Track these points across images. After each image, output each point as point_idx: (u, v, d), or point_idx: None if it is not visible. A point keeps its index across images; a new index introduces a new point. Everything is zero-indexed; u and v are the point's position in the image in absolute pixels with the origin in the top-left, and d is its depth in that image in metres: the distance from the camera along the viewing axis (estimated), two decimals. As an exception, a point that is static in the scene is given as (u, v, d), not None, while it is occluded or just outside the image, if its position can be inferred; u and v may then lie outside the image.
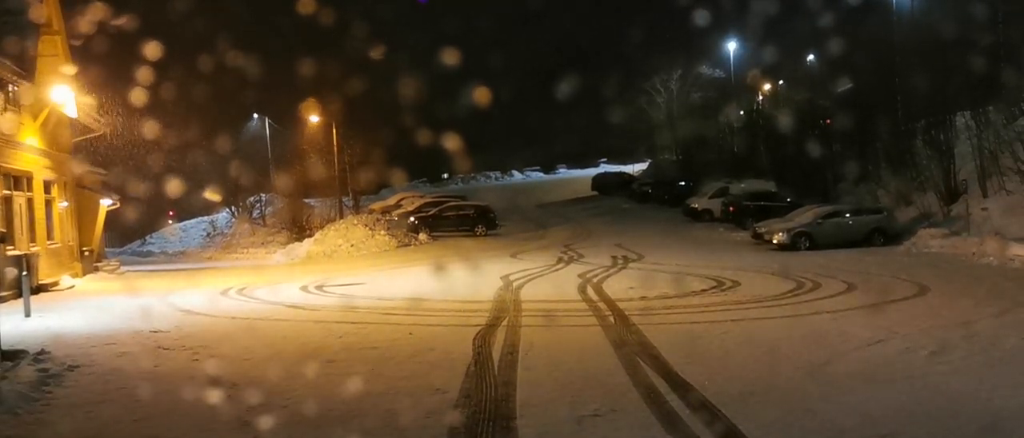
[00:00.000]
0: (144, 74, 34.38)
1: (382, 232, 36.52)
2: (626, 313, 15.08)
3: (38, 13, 21.71)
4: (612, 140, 79.56)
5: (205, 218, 56.26)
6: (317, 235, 37.70)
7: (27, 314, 16.00)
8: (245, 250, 45.48)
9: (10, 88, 15.42)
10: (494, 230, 40.80)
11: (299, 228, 46.52)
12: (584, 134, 78.41)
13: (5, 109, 18.15)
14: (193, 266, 35.78)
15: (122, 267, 32.05)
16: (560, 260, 28.01)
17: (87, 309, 18.00)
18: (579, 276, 22.52)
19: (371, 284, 21.96)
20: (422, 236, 38.25)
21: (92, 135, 29.34)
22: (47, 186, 24.99)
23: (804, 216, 30.69)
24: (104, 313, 16.95)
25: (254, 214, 53.00)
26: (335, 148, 44.91)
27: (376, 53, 49.18)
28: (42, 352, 11.22)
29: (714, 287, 19.23)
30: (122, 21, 27.28)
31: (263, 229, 50.73)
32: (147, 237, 53.04)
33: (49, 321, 15.55)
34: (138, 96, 35.04)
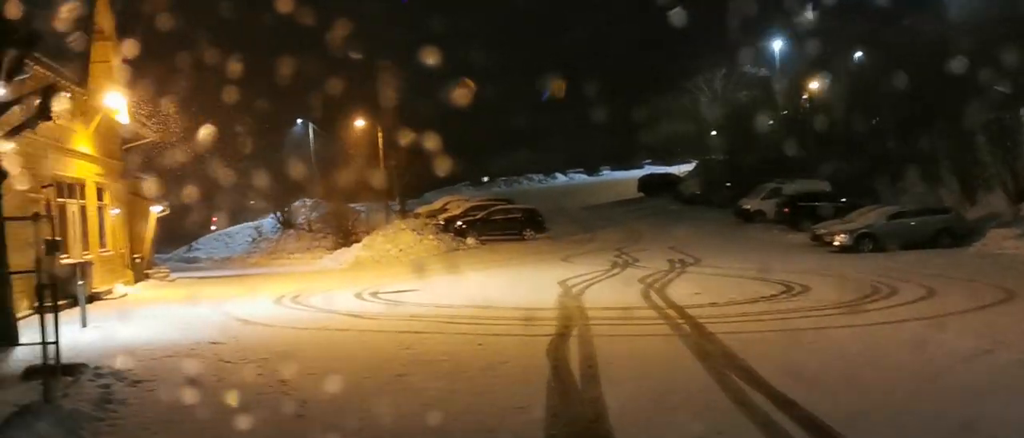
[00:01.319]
0: (188, 79, 34.37)
1: (430, 237, 36.11)
2: (699, 321, 14.39)
3: (92, 20, 21.49)
4: (656, 141, 78.71)
5: (250, 224, 56.30)
6: (365, 240, 37.37)
7: (83, 324, 15.67)
8: (291, 256, 45.30)
9: (64, 95, 15.04)
10: (542, 233, 40.19)
11: (345, 233, 46.25)
12: (627, 135, 77.64)
13: (59, 116, 17.89)
14: (241, 272, 35.59)
15: (172, 274, 31.92)
16: (615, 264, 27.34)
17: (142, 319, 17.67)
18: (639, 281, 21.85)
19: (427, 291, 21.45)
20: (470, 240, 37.76)
21: (142, 142, 29.19)
22: (99, 193, 24.83)
23: (867, 217, 29.73)
24: (160, 323, 16.59)
25: (299, 219, 52.90)
26: (380, 152, 44.57)
27: (430, 57, 48.81)
28: (102, 366, 10.81)
29: (784, 292, 18.45)
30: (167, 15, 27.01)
31: (308, 234, 50.58)
32: (193, 243, 53.19)
33: (106, 332, 15.19)
34: (182, 101, 35.09)
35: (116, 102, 23.97)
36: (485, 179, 76.08)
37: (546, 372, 10.41)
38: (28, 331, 13.66)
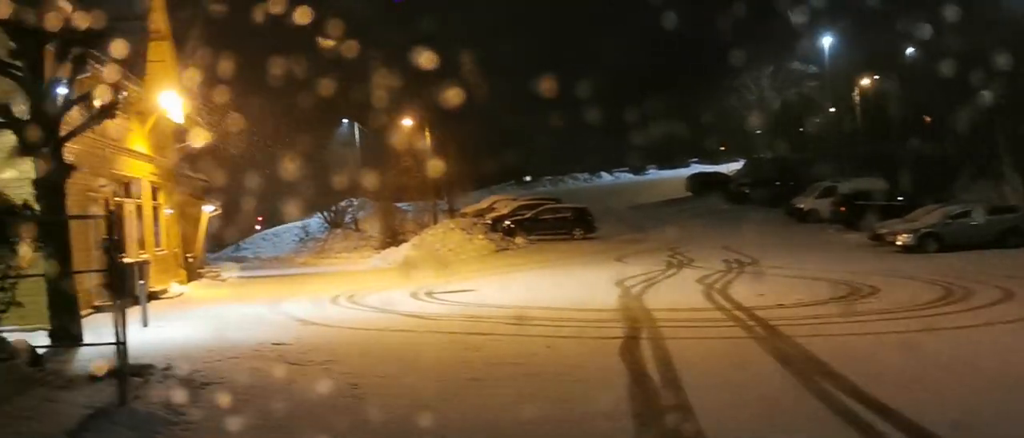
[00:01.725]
0: (238, 79, 34.36)
1: (480, 236, 35.84)
2: (770, 323, 13.92)
3: (149, 19, 21.54)
4: (702, 139, 77.83)
5: (297, 223, 56.48)
6: (414, 240, 37.21)
7: (145, 324, 15.58)
8: (338, 255, 45.35)
9: (122, 94, 14.99)
10: (592, 233, 39.75)
11: (392, 233, 46.18)
12: (673, 133, 76.82)
13: (117, 115, 17.89)
14: (291, 272, 35.62)
15: (223, 274, 32.00)
16: (670, 264, 26.85)
17: (200, 318, 17.59)
18: (698, 281, 21.37)
19: (482, 291, 21.15)
20: (519, 239, 37.43)
21: (195, 141, 29.23)
22: (154, 192, 24.89)
23: (930, 216, 28.91)
24: (219, 322, 16.48)
25: (346, 219, 52.96)
26: (428, 152, 44.41)
27: (467, 60, 48.57)
28: (169, 367, 10.64)
29: (852, 294, 17.88)
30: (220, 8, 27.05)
31: (355, 234, 50.65)
32: (240, 243, 53.46)
33: (167, 332, 15.10)
34: (232, 102, 35.15)
35: (171, 101, 24.01)
36: (527, 178, 75.66)
37: (624, 377, 10.04)
38: (89, 330, 13.63)
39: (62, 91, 13.90)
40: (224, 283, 28.86)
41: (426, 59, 45.68)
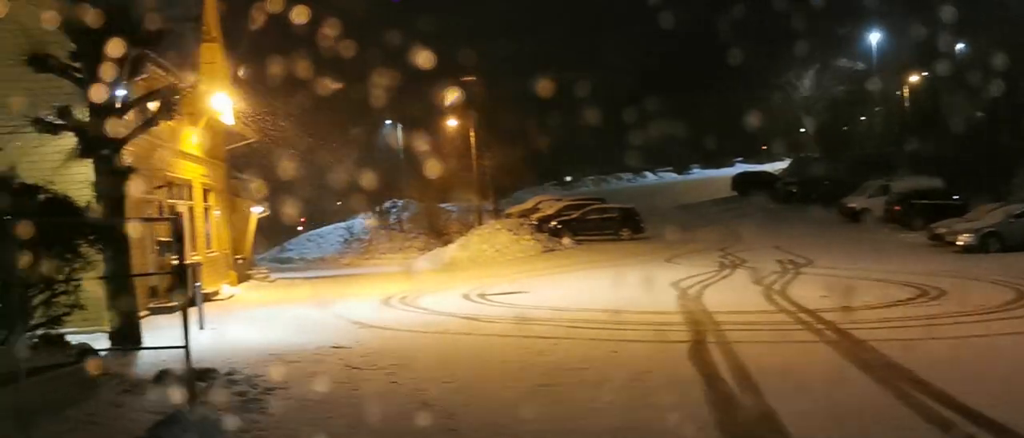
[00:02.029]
0: (284, 81, 34.44)
1: (526, 236, 35.55)
2: (839, 326, 13.47)
3: (201, 22, 21.58)
4: (747, 138, 76.84)
5: (341, 224, 56.59)
6: (461, 240, 37.02)
7: (201, 326, 15.50)
8: (383, 256, 45.35)
9: (178, 96, 14.92)
10: (640, 233, 39.29)
11: (436, 233, 46.10)
12: (716, 133, 75.94)
13: (170, 117, 17.89)
14: (338, 273, 35.65)
15: (271, 275, 32.07)
16: (722, 265, 26.36)
17: (255, 320, 17.51)
18: (755, 283, 20.91)
19: (535, 292, 20.87)
20: (566, 240, 37.07)
21: (244, 143, 29.33)
22: (204, 194, 24.94)
23: (991, 215, 28.10)
24: (274, 325, 16.39)
25: (391, 220, 52.97)
26: (472, 152, 44.21)
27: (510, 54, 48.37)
28: (233, 372, 10.49)
29: (920, 296, 17.33)
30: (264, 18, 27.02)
31: (400, 234, 50.61)
32: (285, 244, 53.67)
33: (224, 334, 15.01)
34: (279, 104, 35.22)
35: (221, 103, 24.04)
36: (568, 179, 75.26)
37: (698, 383, 9.70)
38: (147, 332, 13.57)
39: (120, 93, 13.86)
40: (273, 284, 28.91)
41: (469, 59, 45.70)
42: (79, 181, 13.99)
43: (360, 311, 18.24)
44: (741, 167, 68.24)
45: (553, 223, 39.02)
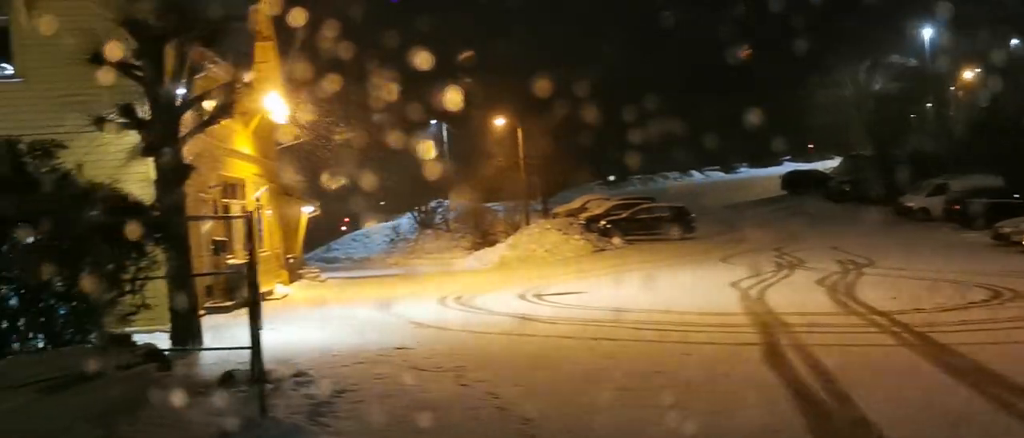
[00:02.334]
0: (331, 81, 34.42)
1: (576, 236, 35.21)
2: (916, 329, 12.96)
3: (255, 21, 21.55)
4: (794, 137, 75.71)
5: (387, 224, 56.63)
6: (509, 240, 36.79)
7: (260, 326, 15.34)
8: (429, 256, 45.24)
9: (237, 94, 14.81)
10: (691, 233, 38.75)
11: (483, 233, 45.86)
12: (764, 131, 74.87)
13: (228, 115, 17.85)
14: (386, 273, 35.58)
15: (322, 274, 32.06)
16: (780, 265, 25.79)
17: (311, 320, 17.38)
18: (817, 283, 20.36)
19: (591, 293, 20.52)
20: (616, 240, 36.68)
21: (295, 142, 29.34)
22: (257, 193, 24.94)
23: (1061, 214, 27.23)
24: (332, 324, 16.23)
25: (436, 219, 52.89)
26: (520, 150, 43.91)
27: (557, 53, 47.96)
28: (300, 374, 10.29)
29: (994, 297, 16.69)
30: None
31: (446, 234, 50.52)
32: (331, 244, 53.85)
33: (282, 334, 14.86)
34: (327, 103, 35.23)
35: (273, 102, 24.00)
36: (611, 178, 74.59)
37: (781, 388, 9.30)
38: (206, 332, 13.45)
39: (180, 91, 13.77)
40: (324, 284, 28.88)
41: (515, 57, 45.46)
42: (139, 180, 13.94)
43: (416, 311, 18.05)
44: (790, 166, 67.20)
45: (602, 223, 38.65)
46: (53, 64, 15.41)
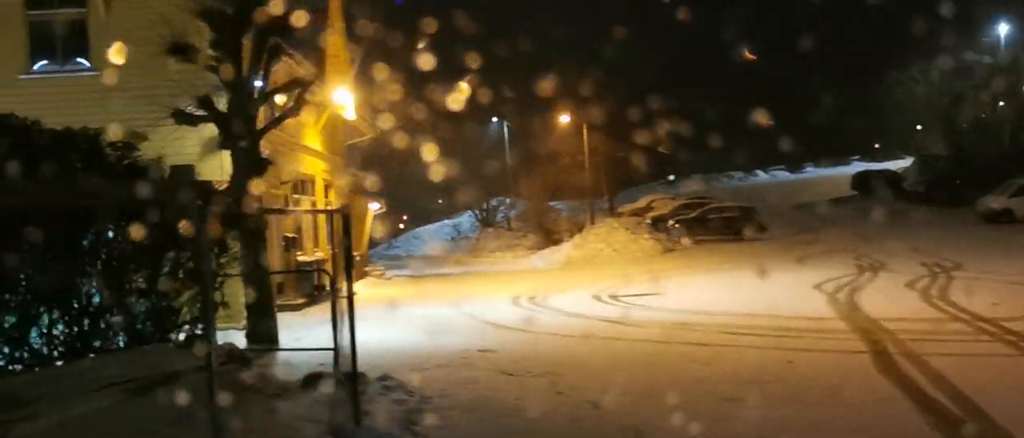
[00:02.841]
0: (398, 76, 34.04)
1: (645, 236, 34.46)
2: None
3: (326, 13, 21.30)
4: (862, 136, 73.79)
5: (448, 221, 56.35)
6: (575, 239, 36.19)
7: (334, 325, 14.96)
8: (491, 254, 44.84)
9: (313, 86, 14.46)
10: (761, 234, 37.72)
11: (546, 232, 45.32)
12: (832, 130, 73.08)
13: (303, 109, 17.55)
14: (450, 271, 35.23)
15: (387, 272, 31.80)
16: (861, 268, 24.77)
17: (385, 319, 16.95)
18: (907, 286, 19.40)
19: (669, 295, 19.76)
20: (685, 240, 35.83)
21: (362, 138, 29.07)
22: (325, 189, 24.68)
23: None
24: (407, 324, 15.80)
25: (498, 218, 52.48)
26: (585, 149, 43.20)
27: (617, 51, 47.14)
28: (386, 376, 9.82)
29: (1109, 304, 15.67)
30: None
31: (508, 233, 50.08)
32: (392, 241, 53.71)
33: (358, 334, 14.40)
34: (394, 99, 34.92)
35: (343, 97, 23.71)
36: (671, 177, 73.39)
37: (904, 400, 8.58)
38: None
39: (257, 84, 13.45)
40: (391, 282, 28.58)
41: (576, 53, 44.77)
42: (213, 175, 13.65)
43: (491, 311, 17.56)
44: (859, 166, 65.47)
45: (671, 222, 37.80)
46: (131, 57, 15.20)
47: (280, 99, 15.59)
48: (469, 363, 11.22)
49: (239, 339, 12.92)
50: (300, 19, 14.48)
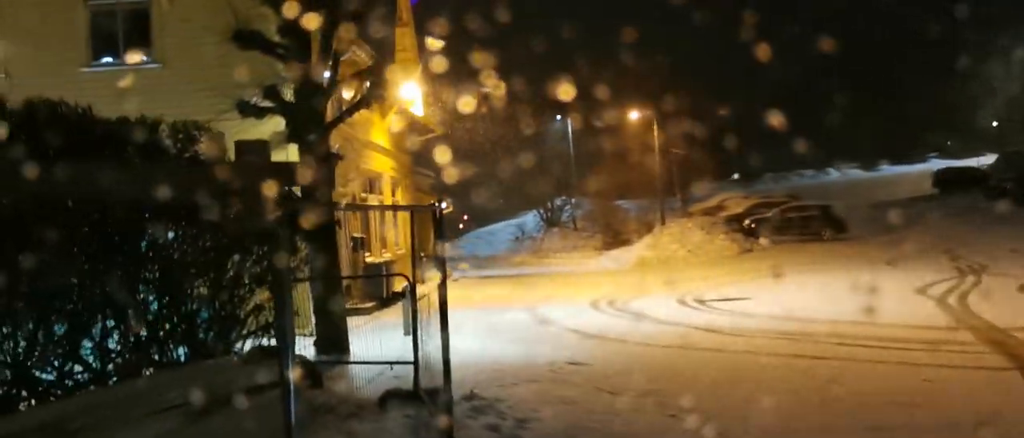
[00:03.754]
0: (463, 74, 33.17)
1: (721, 236, 33.02)
2: None
3: (395, 5, 20.42)
4: (940, 132, 71.20)
5: (512, 221, 55.42)
6: (647, 239, 34.90)
7: (406, 331, 13.97)
8: (557, 254, 43.75)
9: (384, 79, 13.48)
10: (843, 234, 35.98)
11: (614, 232, 44.07)
12: (907, 127, 70.52)
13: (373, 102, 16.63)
14: (517, 272, 34.23)
15: (454, 273, 30.86)
16: (960, 270, 23.12)
17: (458, 326, 15.75)
18: (1020, 290, 17.82)
19: (759, 299, 18.45)
20: (763, 240, 34.29)
21: (430, 136, 28.16)
22: (392, 188, 23.80)
23: None
24: (483, 331, 14.75)
25: (563, 217, 51.39)
26: (655, 145, 41.80)
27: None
28: (472, 395, 8.80)
29: None
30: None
31: (574, 233, 48.97)
32: (455, 241, 52.95)
33: (430, 342, 13.42)
34: (458, 97, 34.04)
35: (411, 93, 22.81)
36: (735, 176, 71.38)
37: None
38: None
39: (326, 74, 12.52)
40: (458, 283, 27.58)
41: (645, 49, 43.44)
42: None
43: (570, 316, 16.45)
44: (938, 163, 62.86)
45: (747, 222, 36.25)
46: (193, 47, 14.45)
47: (348, 95, 14.67)
48: (561, 378, 10.13)
49: (307, 347, 12.02)
50: (370, 8, 13.55)
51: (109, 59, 15.29)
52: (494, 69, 36.24)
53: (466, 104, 33.74)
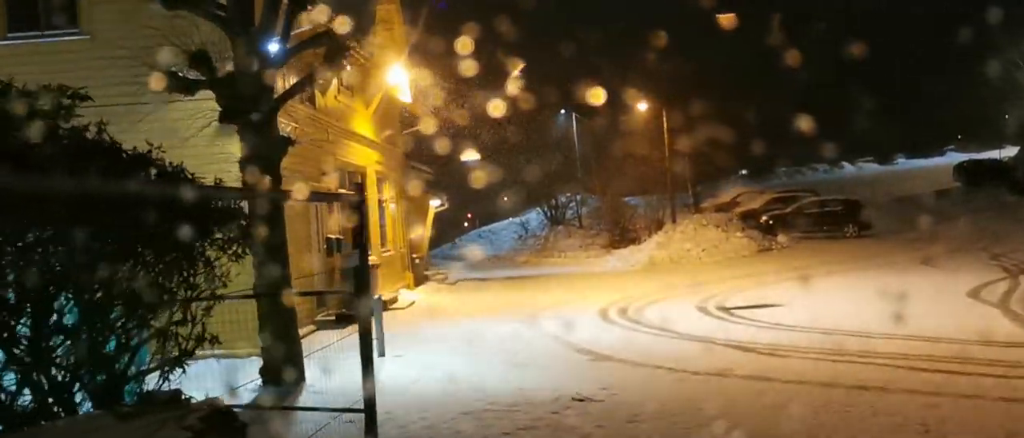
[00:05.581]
0: (460, 63, 30.85)
1: (737, 233, 30.64)
2: None
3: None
4: (957, 124, 68.82)
5: (515, 220, 53.31)
6: (657, 238, 32.54)
7: (381, 353, 11.70)
8: (563, 254, 41.46)
9: (342, 44, 11.13)
10: (867, 231, 33.65)
11: (621, 230, 41.69)
12: (925, 120, 68.14)
13: (343, 91, 14.41)
14: (521, 273, 31.96)
15: (451, 276, 28.63)
16: (1007, 270, 20.82)
17: (448, 341, 13.66)
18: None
19: (790, 306, 16.04)
20: (781, 238, 31.93)
21: (420, 127, 25.84)
22: (379, 184, 21.50)
23: None
24: (474, 349, 12.48)
25: (568, 215, 49.16)
26: (665, 139, 39.40)
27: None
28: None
29: None
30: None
31: (579, 231, 46.71)
32: (456, 240, 50.93)
33: (409, 364, 11.16)
34: (454, 87, 31.85)
35: (398, 79, 20.53)
36: (743, 172, 69.02)
37: None
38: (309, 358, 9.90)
39: (274, 40, 10.23)
40: (454, 288, 25.32)
41: (653, 41, 41.22)
42: (223, 160, 10.49)
43: (577, 329, 14.14)
44: (957, 156, 60.53)
45: (764, 218, 33.90)
46: (127, 17, 12.19)
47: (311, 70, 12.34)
48: (567, 426, 7.79)
49: (253, 367, 9.77)
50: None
51: (30, 31, 13.02)
52: (506, 59, 34.19)
53: (495, 107, 31.25)
